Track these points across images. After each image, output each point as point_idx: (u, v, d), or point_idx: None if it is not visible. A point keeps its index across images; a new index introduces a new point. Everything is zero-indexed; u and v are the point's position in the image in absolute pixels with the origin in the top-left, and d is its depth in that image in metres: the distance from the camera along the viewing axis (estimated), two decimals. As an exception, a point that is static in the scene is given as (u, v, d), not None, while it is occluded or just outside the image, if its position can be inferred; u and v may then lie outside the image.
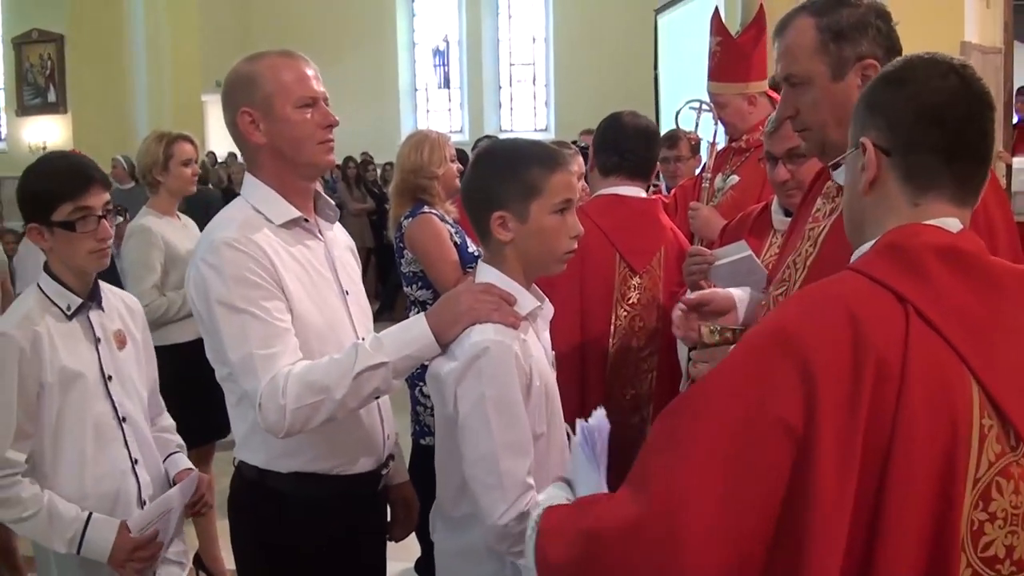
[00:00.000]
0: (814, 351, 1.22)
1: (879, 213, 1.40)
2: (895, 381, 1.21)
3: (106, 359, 2.42)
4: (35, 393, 2.30)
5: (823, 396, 1.19)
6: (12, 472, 2.26)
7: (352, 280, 2.32)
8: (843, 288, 1.31)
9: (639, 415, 2.88)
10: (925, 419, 1.21)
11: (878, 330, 1.23)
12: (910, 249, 1.31)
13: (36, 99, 13.45)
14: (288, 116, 2.11)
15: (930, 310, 1.26)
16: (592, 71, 15.06)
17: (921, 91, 1.37)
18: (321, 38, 15.68)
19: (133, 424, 2.45)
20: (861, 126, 1.42)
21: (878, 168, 1.38)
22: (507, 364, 1.87)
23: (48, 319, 2.35)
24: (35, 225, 2.34)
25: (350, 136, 12.86)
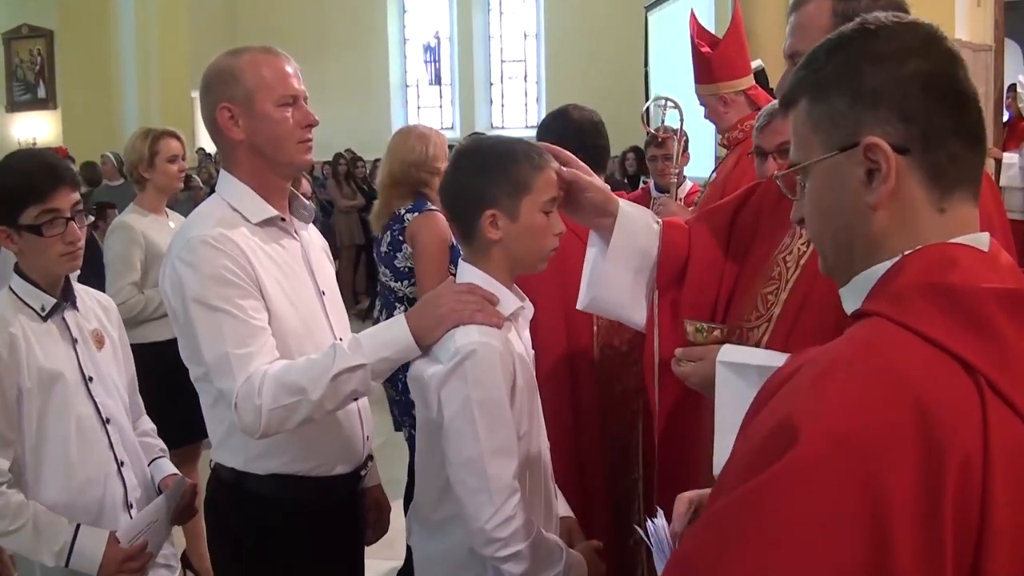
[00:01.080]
0: (885, 471, 0.94)
1: (892, 230, 1.11)
2: (978, 482, 0.95)
3: (85, 360, 2.34)
4: (14, 397, 2.22)
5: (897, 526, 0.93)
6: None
7: (328, 281, 2.30)
8: (899, 362, 1.00)
9: (630, 408, 2.87)
10: (1013, 520, 0.97)
11: (954, 423, 0.96)
12: (969, 298, 1.04)
13: (26, 95, 13.41)
14: (269, 113, 2.08)
15: (1006, 383, 0.99)
16: (583, 67, 15.08)
17: (923, 65, 1.10)
18: (311, 34, 15.68)
19: (117, 425, 2.38)
20: (853, 124, 1.11)
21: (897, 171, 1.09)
22: (493, 366, 1.84)
23: (22, 320, 2.26)
24: (3, 228, 2.25)
25: (340, 132, 12.87)
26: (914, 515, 0.93)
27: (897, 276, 1.09)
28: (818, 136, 1.14)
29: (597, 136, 3.00)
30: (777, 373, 1.11)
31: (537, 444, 2.01)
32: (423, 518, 2.02)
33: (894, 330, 1.03)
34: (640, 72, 11.90)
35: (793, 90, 1.19)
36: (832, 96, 1.13)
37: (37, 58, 13.19)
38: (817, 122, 1.15)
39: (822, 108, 1.14)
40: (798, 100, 1.18)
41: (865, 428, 0.95)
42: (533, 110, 16.88)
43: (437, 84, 17.36)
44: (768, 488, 0.97)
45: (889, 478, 0.93)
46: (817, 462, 0.95)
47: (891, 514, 0.93)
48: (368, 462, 2.33)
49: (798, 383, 1.03)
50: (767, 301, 1.97)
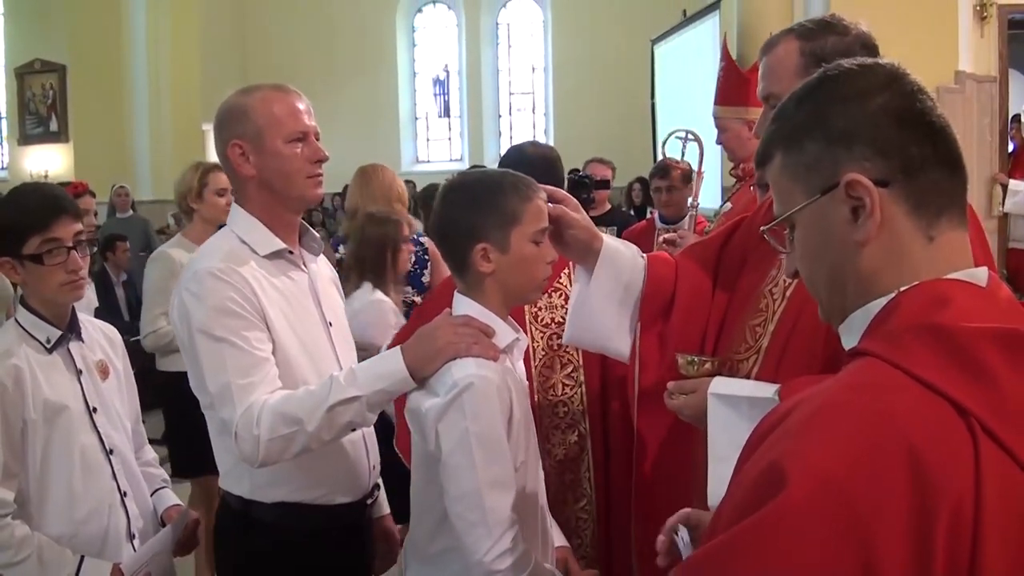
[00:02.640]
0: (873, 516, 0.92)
1: (883, 264, 1.11)
2: (969, 527, 0.94)
3: (90, 391, 2.35)
4: (19, 430, 2.22)
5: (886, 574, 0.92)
6: (2, 513, 2.18)
7: (335, 312, 2.33)
8: (890, 405, 0.98)
9: (576, 431, 2.87)
10: (1005, 566, 0.95)
11: (946, 467, 0.94)
12: (963, 339, 1.01)
13: (38, 128, 13.52)
14: (279, 150, 2.13)
15: (1000, 426, 0.97)
16: (590, 100, 15.16)
17: (892, 98, 1.11)
18: (321, 67, 15.80)
19: (120, 456, 2.39)
20: (830, 165, 1.11)
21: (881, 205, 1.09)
22: (491, 399, 1.84)
23: (28, 352, 2.27)
24: (7, 259, 2.27)
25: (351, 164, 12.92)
26: (905, 562, 0.92)
27: (892, 315, 1.08)
28: (798, 185, 1.15)
29: (553, 171, 3.03)
30: (771, 414, 1.10)
31: (534, 475, 2.02)
32: (420, 551, 2.02)
33: (887, 371, 1.02)
34: (647, 104, 11.97)
35: (766, 146, 1.20)
36: (805, 143, 1.13)
37: (49, 92, 13.31)
38: (794, 171, 1.15)
39: (797, 157, 1.14)
40: (773, 155, 1.18)
41: (854, 472, 0.93)
42: (541, 142, 16.95)
43: (446, 116, 17.46)
44: (756, 532, 0.95)
45: (879, 523, 0.92)
46: (805, 506, 0.93)
47: (881, 562, 0.91)
48: (375, 491, 2.35)
49: (789, 425, 1.02)
50: (755, 333, 1.97)
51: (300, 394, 1.99)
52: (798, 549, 0.93)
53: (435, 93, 17.47)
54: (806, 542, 0.93)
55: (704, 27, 9.89)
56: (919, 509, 0.92)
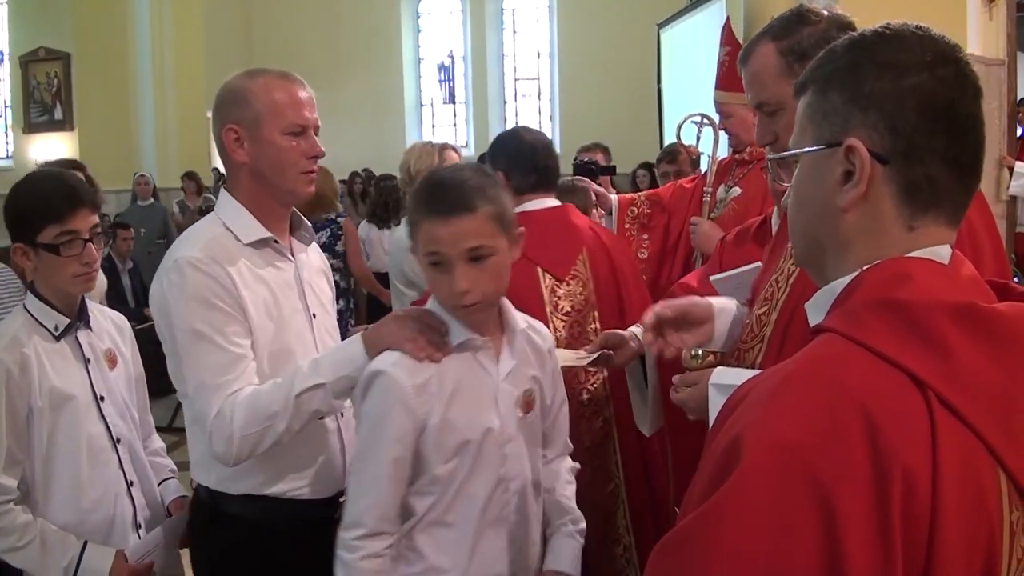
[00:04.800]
0: (832, 481, 0.93)
1: (859, 237, 1.11)
2: (927, 495, 0.95)
3: (97, 380, 2.35)
4: (24, 417, 2.23)
5: (849, 536, 0.92)
6: (5, 499, 2.20)
7: (321, 303, 2.29)
8: (847, 375, 1.00)
9: (602, 417, 2.87)
10: (962, 534, 0.97)
11: (901, 434, 0.95)
12: (919, 312, 1.03)
13: (43, 116, 13.52)
14: (275, 141, 2.10)
15: (955, 397, 0.99)
16: (596, 85, 15.11)
17: (926, 81, 1.07)
18: (327, 55, 15.77)
19: (127, 445, 2.39)
20: (842, 122, 1.11)
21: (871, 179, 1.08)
22: (386, 396, 1.85)
23: (36, 340, 2.28)
24: (20, 245, 2.29)
25: (356, 151, 12.94)
26: (865, 525, 0.92)
27: (854, 292, 1.09)
28: (812, 128, 1.15)
29: (551, 159, 3.03)
30: (738, 390, 1.11)
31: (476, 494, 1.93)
32: None
33: (844, 345, 1.03)
34: (653, 89, 11.92)
35: (806, 78, 1.19)
36: (832, 92, 1.13)
37: (54, 80, 13.30)
38: (814, 114, 1.15)
39: (822, 102, 1.14)
40: (807, 88, 1.18)
41: (810, 437, 0.95)
42: (547, 128, 16.91)
43: (451, 103, 17.43)
44: (720, 506, 0.96)
45: (838, 486, 0.93)
46: (763, 474, 0.95)
47: (841, 524, 0.92)
48: None
49: (750, 402, 1.03)
50: (761, 322, 1.97)
51: (267, 388, 2.00)
52: (761, 516, 0.93)
53: (440, 79, 17.44)
54: (767, 508, 0.93)
55: (711, 11, 9.82)
56: (877, 475, 0.93)
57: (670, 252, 4.00)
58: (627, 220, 4.17)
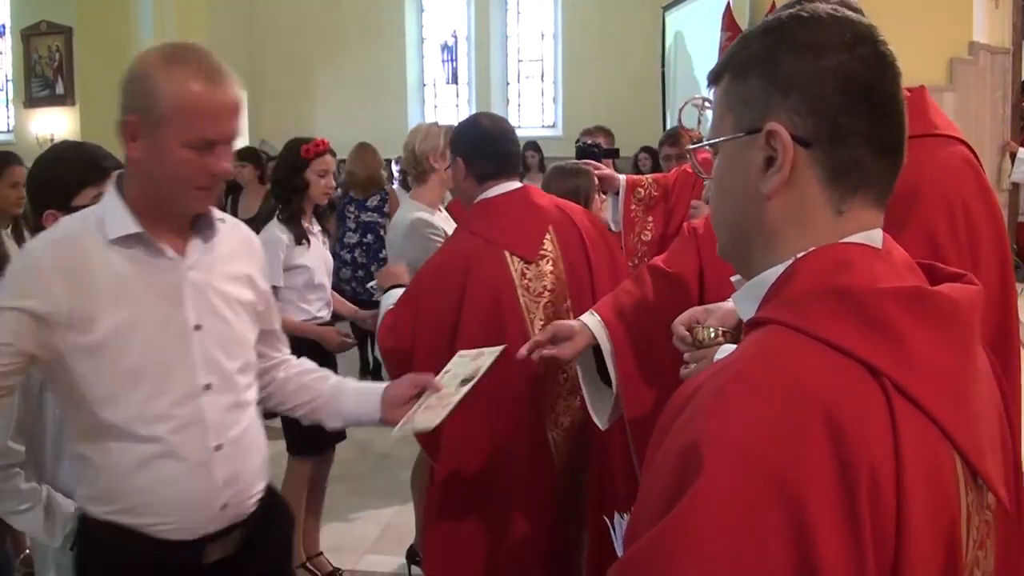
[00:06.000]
0: (798, 482, 0.90)
1: (787, 225, 1.09)
2: (891, 486, 0.94)
3: None
4: (37, 385, 2.27)
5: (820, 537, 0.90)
6: (11, 463, 2.23)
7: (216, 312, 2.04)
8: (802, 370, 0.97)
9: (579, 396, 2.88)
10: (927, 521, 0.96)
11: (863, 428, 0.94)
12: (866, 299, 1.01)
13: (44, 91, 13.47)
14: (171, 151, 1.87)
15: (911, 383, 0.97)
16: (600, 68, 15.05)
17: (846, 62, 1.06)
18: (329, 33, 15.71)
19: None
20: (762, 107, 1.08)
21: (794, 164, 1.06)
22: None
23: None
24: (53, 211, 2.35)
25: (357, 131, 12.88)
26: (835, 524, 0.90)
27: (791, 281, 1.06)
28: (731, 115, 1.13)
29: (512, 145, 3.04)
30: (680, 391, 1.07)
31: None
32: None
33: (793, 337, 1.00)
34: (657, 72, 11.89)
35: (721, 67, 1.17)
36: (750, 77, 1.10)
37: (56, 54, 13.25)
38: (732, 101, 1.13)
39: (740, 88, 1.12)
40: (723, 76, 1.16)
41: (771, 438, 0.92)
42: (550, 110, 16.86)
43: (454, 83, 17.36)
44: (683, 519, 0.92)
45: (804, 489, 0.90)
46: (727, 482, 0.91)
47: (811, 525, 0.89)
48: (232, 532, 2.09)
49: (699, 403, 0.99)
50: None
51: None
52: (729, 522, 0.89)
53: (443, 59, 17.36)
54: (735, 514, 0.90)
55: (715, -5, 9.79)
56: (841, 469, 0.91)
57: (671, 236, 4.02)
58: (633, 202, 4.18)
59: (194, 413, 1.99)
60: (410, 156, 4.14)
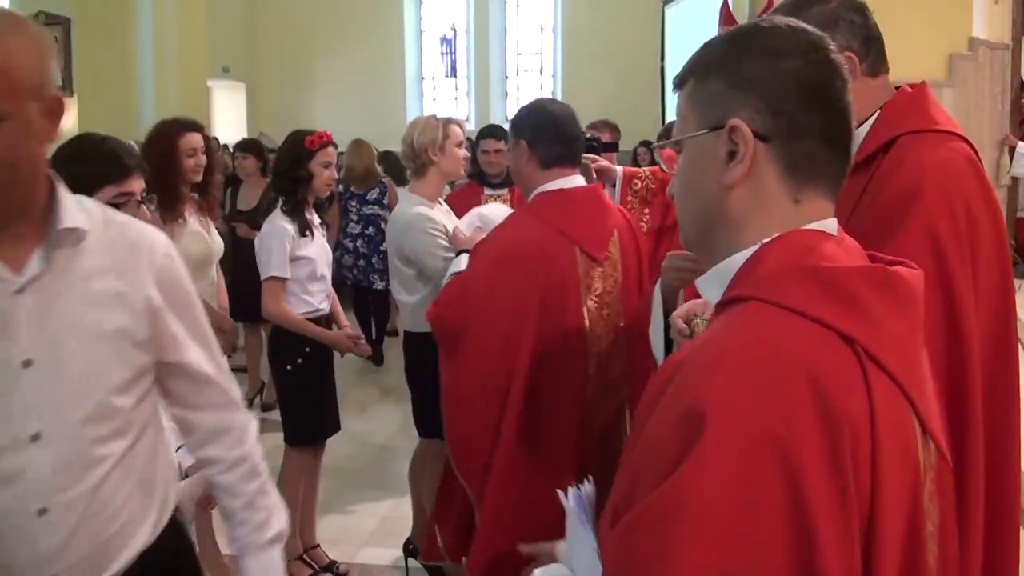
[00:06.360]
0: (792, 442, 1.00)
1: (750, 213, 1.19)
2: (868, 444, 1.04)
3: None
4: None
5: (813, 494, 0.99)
6: None
7: (58, 343, 1.64)
8: (787, 339, 1.07)
9: (617, 398, 2.88)
10: (897, 475, 1.07)
11: (843, 390, 1.04)
12: (836, 276, 1.12)
13: (42, 82, 13.45)
14: None
15: (879, 350, 1.09)
16: (599, 62, 15.04)
17: (801, 66, 1.17)
18: (329, 25, 15.68)
19: None
20: (724, 106, 1.19)
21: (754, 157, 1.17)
22: None
23: None
24: None
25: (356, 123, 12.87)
26: (826, 481, 1.00)
27: (761, 263, 1.16)
28: (695, 115, 1.23)
29: (578, 132, 3.01)
30: (666, 364, 1.17)
31: None
32: None
33: (774, 311, 1.10)
34: (656, 67, 11.87)
35: (685, 71, 1.27)
36: (713, 79, 1.21)
37: (54, 45, 13.23)
38: (696, 102, 1.24)
39: (703, 89, 1.23)
40: (687, 80, 1.26)
41: (764, 399, 1.01)
42: (551, 103, 16.86)
43: (453, 76, 17.34)
44: (692, 473, 1.00)
45: (794, 440, 0.99)
46: (728, 439, 1.00)
47: (802, 471, 0.99)
48: None
49: (692, 371, 1.08)
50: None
51: None
52: (731, 482, 0.98)
53: (442, 52, 17.33)
54: (737, 474, 0.99)
55: (715, -11, 9.78)
56: (827, 430, 1.01)
57: (668, 230, 4.03)
58: (630, 193, 4.18)
59: (12, 468, 1.63)
60: (408, 149, 4.14)
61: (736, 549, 0.97)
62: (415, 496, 4.44)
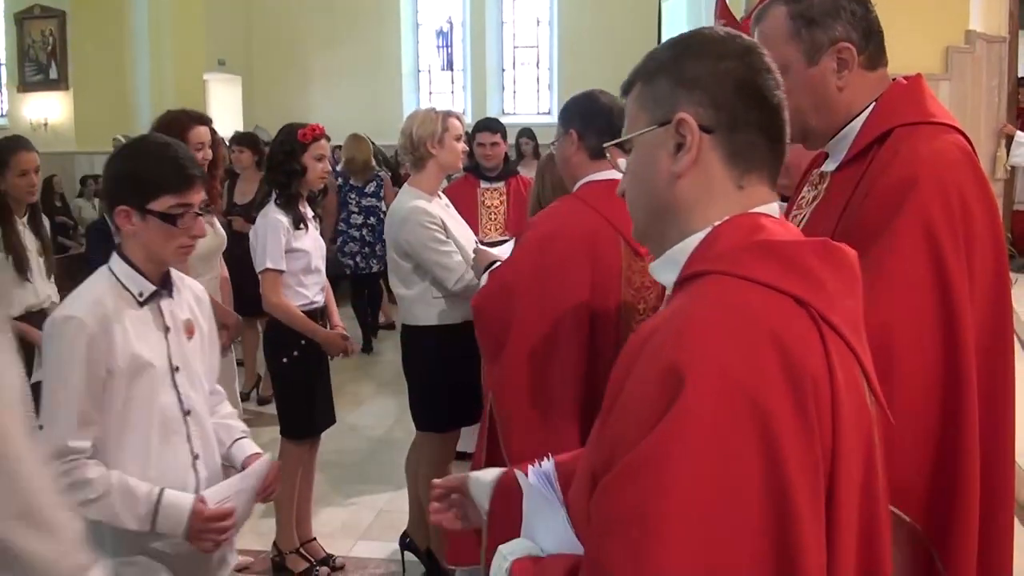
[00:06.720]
0: (761, 394, 1.10)
1: (698, 198, 1.30)
2: (828, 395, 1.15)
3: (175, 349, 2.39)
4: (102, 379, 2.25)
5: (783, 440, 1.10)
6: (77, 457, 2.22)
7: None
8: (751, 304, 1.18)
9: None
10: (853, 426, 1.19)
11: (803, 347, 1.16)
12: (788, 250, 1.24)
13: (38, 75, 13.41)
14: None
15: (830, 313, 1.21)
16: (596, 55, 15.02)
17: (738, 66, 1.30)
18: (325, 18, 15.66)
19: (196, 417, 2.43)
20: (670, 103, 1.30)
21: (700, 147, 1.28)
22: None
23: (119, 304, 2.31)
24: (125, 208, 2.31)
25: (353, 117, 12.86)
26: (790, 417, 1.11)
27: (716, 241, 1.26)
28: (644, 114, 1.35)
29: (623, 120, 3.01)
30: (636, 336, 1.26)
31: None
32: None
33: (733, 281, 1.20)
34: (652, 60, 11.83)
35: (632, 76, 1.39)
36: (659, 80, 1.33)
37: (49, 38, 13.18)
38: (644, 102, 1.35)
39: (650, 90, 1.34)
40: (635, 84, 1.38)
41: (738, 361, 1.11)
42: (545, 97, 16.85)
43: (449, 70, 17.33)
44: (671, 429, 1.10)
45: (764, 392, 1.10)
46: (706, 394, 1.10)
47: (773, 419, 1.10)
48: None
49: (666, 337, 1.17)
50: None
51: None
52: (711, 431, 1.09)
53: (438, 45, 17.33)
54: (716, 424, 1.09)
55: (712, -18, 9.76)
56: (792, 382, 1.12)
57: None
58: None
59: None
60: (407, 141, 4.12)
61: (717, 491, 1.07)
62: (412, 489, 4.43)
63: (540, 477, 1.51)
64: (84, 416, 2.23)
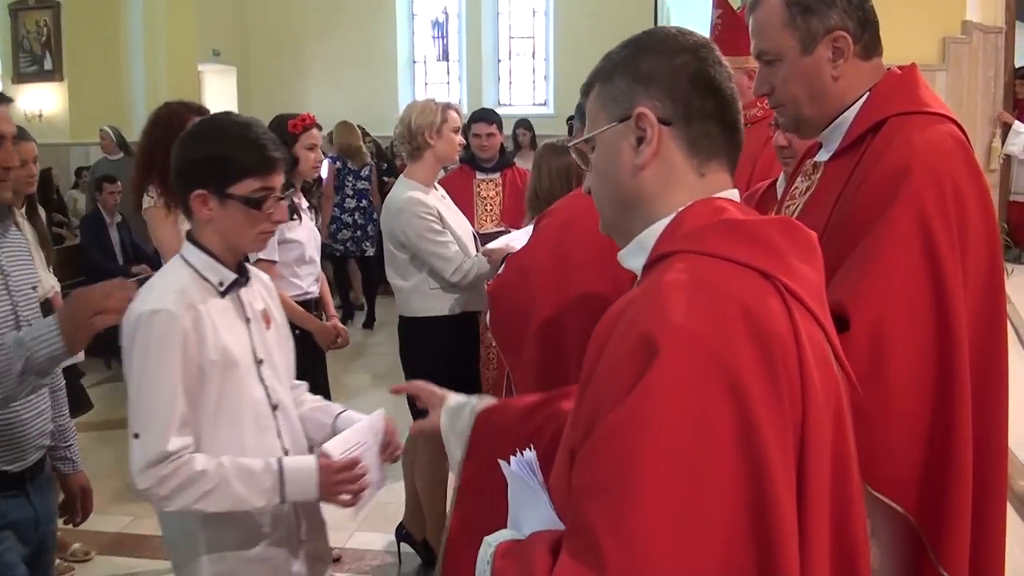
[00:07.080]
0: (731, 357, 1.16)
1: (662, 187, 1.36)
2: (795, 356, 1.21)
3: (257, 341, 2.27)
4: (197, 377, 2.13)
5: (753, 398, 1.16)
6: (180, 455, 2.10)
7: None
8: (717, 276, 1.24)
9: None
10: (821, 386, 1.24)
11: (769, 313, 1.22)
12: (750, 227, 1.30)
13: (32, 66, 13.35)
14: None
15: (794, 283, 1.27)
16: (592, 46, 14.91)
17: (691, 60, 1.36)
18: (320, 9, 15.60)
19: (284, 411, 2.32)
20: (629, 100, 1.37)
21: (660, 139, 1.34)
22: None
23: (202, 295, 2.17)
24: (203, 192, 2.17)
25: (348, 108, 12.84)
26: (760, 379, 1.17)
27: (682, 224, 1.32)
28: (604, 112, 1.41)
29: None
30: (610, 313, 1.30)
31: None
32: None
33: (699, 258, 1.27)
34: (648, 50, 11.83)
35: (592, 77, 1.45)
36: (616, 78, 1.39)
37: (44, 29, 13.13)
38: (603, 100, 1.41)
39: (608, 89, 1.40)
40: (593, 85, 1.44)
41: (706, 324, 1.17)
42: (541, 88, 16.81)
43: (445, 60, 17.28)
44: (647, 393, 1.15)
45: (734, 357, 1.16)
46: (679, 358, 1.15)
47: (744, 381, 1.15)
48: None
49: (638, 311, 1.22)
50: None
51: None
52: (685, 394, 1.14)
53: (434, 36, 17.27)
54: (690, 386, 1.14)
55: (708, -28, 9.74)
56: (760, 348, 1.18)
57: None
58: None
59: None
60: (405, 130, 4.12)
61: (692, 450, 1.13)
62: (408, 481, 4.44)
63: (522, 465, 1.50)
64: (182, 418, 2.11)
